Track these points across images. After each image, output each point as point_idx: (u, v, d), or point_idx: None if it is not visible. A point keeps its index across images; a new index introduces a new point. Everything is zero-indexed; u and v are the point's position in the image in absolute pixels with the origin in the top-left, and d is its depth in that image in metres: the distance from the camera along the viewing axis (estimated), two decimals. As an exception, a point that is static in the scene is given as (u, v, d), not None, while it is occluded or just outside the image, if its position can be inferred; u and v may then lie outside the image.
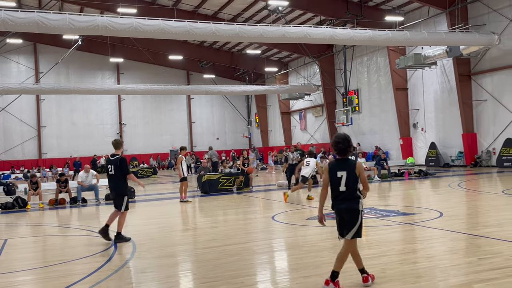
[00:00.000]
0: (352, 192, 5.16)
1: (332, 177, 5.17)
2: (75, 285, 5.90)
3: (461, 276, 5.57)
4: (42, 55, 42.69)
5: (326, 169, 5.24)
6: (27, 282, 6.39)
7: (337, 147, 5.21)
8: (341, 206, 5.20)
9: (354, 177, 5.14)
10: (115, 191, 9.06)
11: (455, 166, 27.10)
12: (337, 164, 5.23)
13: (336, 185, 5.15)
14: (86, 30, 18.54)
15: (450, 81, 27.39)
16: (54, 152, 43.03)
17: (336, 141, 5.22)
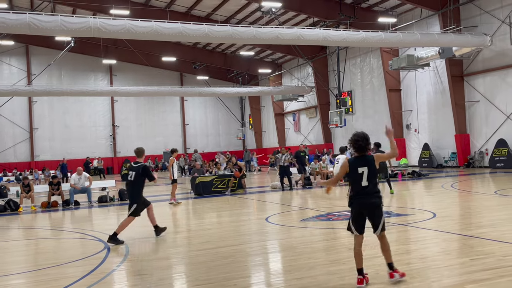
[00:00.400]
0: (373, 186, 5.39)
1: (354, 173, 5.36)
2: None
3: (454, 276, 5.58)
4: (34, 56, 42.45)
5: (344, 166, 5.45)
6: (19, 285, 6.34)
7: (356, 144, 5.43)
8: (367, 201, 5.38)
9: (374, 171, 5.40)
10: (129, 197, 9.49)
11: (448, 167, 27.22)
12: (357, 160, 5.43)
13: (359, 181, 5.35)
14: (79, 31, 18.45)
15: (443, 82, 27.53)
16: (47, 155, 42.78)
17: (356, 139, 5.44)
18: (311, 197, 16.47)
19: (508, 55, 23.91)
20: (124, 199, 17.17)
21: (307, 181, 20.24)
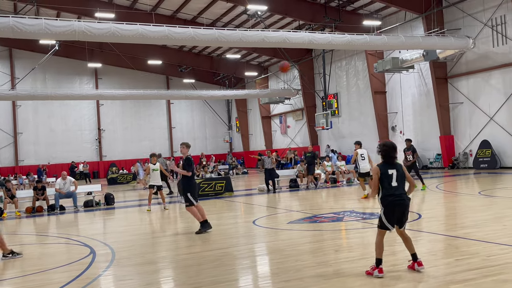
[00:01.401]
0: (402, 187, 5.97)
1: (385, 175, 5.91)
2: (52, 294, 5.79)
3: (440, 277, 5.64)
4: (18, 60, 41.96)
5: (376, 172, 5.96)
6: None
7: (386, 153, 6.06)
8: (401, 200, 5.91)
9: (402, 174, 6.00)
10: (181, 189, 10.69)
11: (433, 168, 27.50)
12: (386, 165, 6.01)
13: (389, 182, 5.91)
14: (63, 35, 18.29)
15: (427, 84, 27.83)
16: (31, 159, 42.25)
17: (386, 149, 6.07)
18: (298, 199, 16.52)
19: (490, 57, 24.26)
20: (110, 204, 17.06)
21: (294, 183, 20.32)
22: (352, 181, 21.00)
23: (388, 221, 5.89)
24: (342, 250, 7.50)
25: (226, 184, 18.90)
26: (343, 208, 12.55)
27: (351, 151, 33.78)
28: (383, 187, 5.91)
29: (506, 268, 5.78)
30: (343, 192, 17.71)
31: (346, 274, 5.97)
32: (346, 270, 6.16)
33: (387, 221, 5.89)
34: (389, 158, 6.01)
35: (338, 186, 19.99)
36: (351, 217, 10.84)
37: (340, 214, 11.44)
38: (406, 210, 5.96)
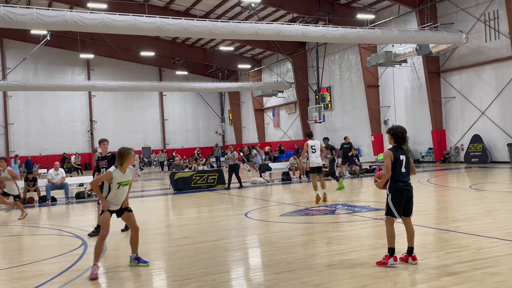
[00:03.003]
0: (409, 173, 6.01)
1: (396, 160, 5.88)
2: (43, 285, 5.78)
3: (430, 269, 5.68)
4: (9, 50, 41.54)
5: (389, 155, 5.87)
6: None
7: (399, 136, 5.98)
8: (408, 186, 5.94)
9: (409, 160, 6.02)
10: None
11: (425, 162, 27.66)
12: (398, 150, 5.97)
13: (399, 167, 5.91)
14: (55, 25, 18.12)
15: (420, 78, 27.91)
16: (23, 150, 41.96)
17: (400, 132, 5.98)
18: (290, 192, 16.55)
19: (483, 52, 24.36)
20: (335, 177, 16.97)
21: (286, 176, 20.35)
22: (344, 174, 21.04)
23: (396, 208, 5.88)
24: (333, 243, 7.53)
25: (219, 176, 18.90)
26: (335, 201, 12.59)
27: (343, 145, 33.86)
28: (393, 172, 5.88)
29: (495, 261, 5.83)
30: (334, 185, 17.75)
31: (337, 266, 6.00)
32: (337, 262, 6.19)
33: (395, 208, 5.88)
34: (402, 140, 5.96)
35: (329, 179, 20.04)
36: (343, 210, 10.89)
37: (332, 207, 11.48)
38: (412, 198, 6.01)
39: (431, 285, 5.07)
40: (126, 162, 6.34)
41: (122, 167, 6.33)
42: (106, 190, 6.31)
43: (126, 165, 6.38)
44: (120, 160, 6.30)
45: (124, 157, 6.31)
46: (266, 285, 5.44)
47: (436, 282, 5.15)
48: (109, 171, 6.28)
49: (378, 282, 5.26)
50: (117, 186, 6.30)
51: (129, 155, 6.32)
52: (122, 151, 6.34)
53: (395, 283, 5.21)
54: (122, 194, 6.46)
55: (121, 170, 6.33)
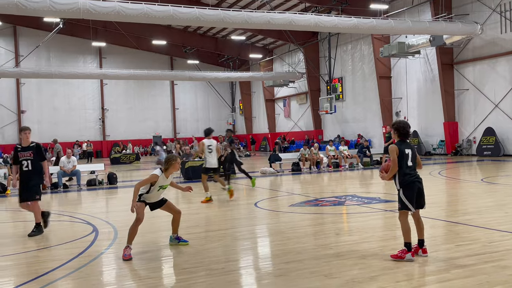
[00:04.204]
0: (415, 166, 6.02)
1: (402, 154, 5.92)
2: (55, 270, 5.85)
3: (439, 262, 5.66)
4: (23, 38, 41.81)
5: (395, 150, 5.91)
6: (7, 267, 6.32)
7: (404, 131, 6.06)
8: (419, 178, 5.97)
9: (415, 154, 6.05)
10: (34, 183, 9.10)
11: (436, 155, 27.47)
12: (403, 144, 6.02)
13: (406, 161, 5.93)
14: (67, 13, 18.18)
15: (433, 70, 27.63)
16: (35, 137, 42.11)
17: (403, 126, 6.08)
18: (300, 183, 16.56)
19: (498, 44, 24.03)
20: (113, 183, 17.14)
21: (296, 167, 20.34)
22: (354, 166, 21.01)
23: (409, 201, 5.85)
24: (343, 234, 7.53)
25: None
26: (345, 192, 12.57)
27: (354, 136, 33.77)
28: (400, 166, 5.90)
29: (506, 255, 5.80)
30: (345, 177, 17.73)
31: (347, 257, 6.00)
32: (346, 253, 6.19)
33: (409, 200, 5.85)
34: (405, 135, 6.04)
35: (340, 171, 20.01)
36: (353, 201, 10.87)
37: (342, 198, 11.46)
38: (423, 190, 6.00)
39: (440, 278, 5.06)
40: (171, 168, 6.71)
41: (167, 172, 6.69)
42: (145, 189, 6.65)
43: (171, 171, 6.75)
44: (166, 165, 6.68)
45: (170, 163, 6.69)
46: (275, 274, 5.46)
47: (445, 275, 5.13)
48: (156, 174, 6.60)
49: (387, 273, 5.26)
50: (158, 189, 6.69)
51: (175, 162, 6.72)
52: (169, 158, 6.78)
53: (404, 274, 5.20)
54: (158, 196, 6.86)
55: (166, 175, 6.69)
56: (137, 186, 6.64)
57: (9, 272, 6.11)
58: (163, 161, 6.75)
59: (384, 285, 4.85)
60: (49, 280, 5.48)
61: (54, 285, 5.33)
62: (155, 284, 5.26)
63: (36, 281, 5.42)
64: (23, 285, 5.33)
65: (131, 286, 5.28)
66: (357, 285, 4.91)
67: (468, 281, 4.90)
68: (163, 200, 6.96)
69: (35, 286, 5.24)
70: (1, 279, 5.79)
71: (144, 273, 5.70)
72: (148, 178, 6.60)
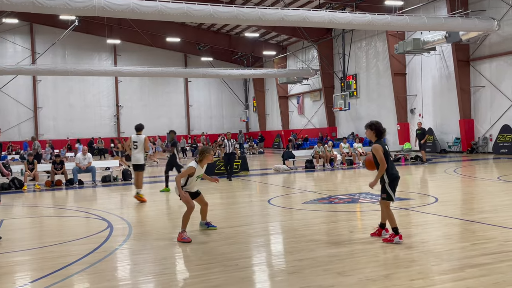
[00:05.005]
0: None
1: (387, 151, 6.55)
2: (71, 265, 5.93)
3: (454, 260, 5.62)
4: (39, 35, 42.28)
5: (380, 148, 6.44)
6: (24, 262, 6.42)
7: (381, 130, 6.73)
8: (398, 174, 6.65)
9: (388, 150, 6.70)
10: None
11: (452, 152, 27.19)
12: (382, 142, 6.64)
13: (389, 157, 6.60)
14: (83, 10, 18.32)
15: (449, 66, 27.32)
16: (51, 134, 42.90)
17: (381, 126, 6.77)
18: (313, 180, 16.52)
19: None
20: (128, 179, 17.29)
21: (310, 164, 20.30)
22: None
23: (393, 193, 6.56)
24: (356, 231, 7.51)
25: (242, 163, 18.97)
26: (358, 190, 12.52)
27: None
28: (386, 162, 6.47)
29: (522, 254, 5.73)
30: (359, 174, 17.65)
31: (360, 254, 5.99)
32: (360, 251, 6.18)
33: (393, 192, 6.56)
34: (382, 134, 6.68)
35: (354, 168, 19.93)
36: (367, 199, 10.82)
37: (355, 195, 11.42)
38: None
39: (455, 277, 5.02)
40: (205, 159, 7.38)
41: (201, 163, 7.37)
42: (183, 181, 7.34)
43: (205, 162, 7.42)
44: (200, 157, 7.35)
45: (204, 155, 7.34)
46: (289, 271, 5.47)
47: (460, 273, 5.09)
48: (193, 166, 7.29)
49: (401, 271, 5.23)
50: (196, 179, 7.39)
51: (208, 154, 7.36)
52: (203, 150, 7.42)
53: (418, 273, 5.17)
54: (196, 185, 7.55)
55: (201, 165, 7.39)
56: (177, 178, 7.28)
57: (26, 266, 6.21)
58: (198, 153, 7.41)
59: (398, 284, 4.83)
60: (65, 275, 5.55)
61: (70, 280, 5.40)
62: (169, 280, 5.30)
63: (52, 276, 5.50)
64: (39, 279, 5.42)
65: (145, 281, 5.33)
66: (371, 283, 4.90)
67: (483, 280, 4.86)
68: (198, 192, 7.61)
69: (51, 281, 5.31)
70: (19, 273, 5.89)
71: (159, 269, 5.74)
72: (186, 170, 7.29)
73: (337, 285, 4.86)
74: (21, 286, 5.30)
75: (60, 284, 5.21)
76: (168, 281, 5.25)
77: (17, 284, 5.39)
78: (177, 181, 7.25)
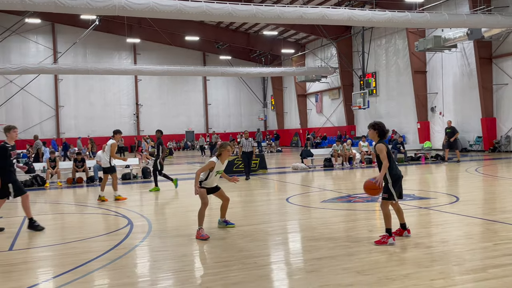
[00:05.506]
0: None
1: (389, 152, 6.55)
2: (93, 261, 6.02)
3: (476, 261, 5.53)
4: (60, 35, 42.94)
5: (384, 149, 6.45)
6: (47, 257, 6.53)
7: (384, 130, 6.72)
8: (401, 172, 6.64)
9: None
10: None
11: (473, 151, 26.77)
12: (384, 142, 6.64)
13: (391, 157, 6.60)
14: (103, 10, 18.56)
15: (470, 64, 26.90)
16: (72, 132, 43.55)
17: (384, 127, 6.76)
18: (332, 178, 16.44)
19: (539, 37, 23.18)
20: (147, 177, 17.45)
21: (329, 163, 20.20)
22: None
23: (396, 192, 6.46)
24: (375, 231, 7.44)
25: (260, 161, 18.98)
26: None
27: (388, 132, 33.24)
28: (389, 162, 6.46)
29: (546, 255, 5.61)
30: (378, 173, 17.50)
31: (380, 254, 5.94)
32: (380, 250, 6.12)
33: (395, 192, 6.46)
34: (385, 135, 6.67)
35: (373, 167, 19.76)
36: (386, 198, 10.71)
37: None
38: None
39: (476, 277, 4.94)
40: (224, 154, 7.47)
41: (221, 158, 7.47)
42: (204, 176, 7.41)
43: (224, 157, 7.50)
44: (219, 151, 7.47)
45: (222, 150, 7.46)
46: (307, 269, 5.45)
47: (482, 274, 5.02)
48: (213, 161, 7.36)
49: (422, 271, 5.18)
50: (215, 174, 7.45)
51: (225, 149, 7.43)
52: (221, 145, 7.51)
53: (439, 273, 5.11)
54: (216, 180, 7.61)
55: (221, 161, 7.47)
56: (197, 173, 7.35)
57: (49, 262, 6.32)
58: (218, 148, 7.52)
59: (418, 283, 4.78)
60: (86, 271, 5.63)
61: (90, 276, 5.48)
62: (187, 277, 5.34)
63: (74, 272, 5.58)
64: (61, 275, 5.50)
65: (164, 278, 5.37)
66: (390, 282, 4.85)
67: (506, 280, 4.77)
68: (217, 187, 7.70)
69: (72, 277, 5.40)
70: (41, 269, 5.99)
71: (178, 266, 5.78)
72: (207, 165, 7.36)
73: (356, 284, 4.83)
74: (44, 281, 5.40)
75: (81, 280, 5.29)
76: (187, 278, 5.28)
77: (39, 279, 5.49)
78: (197, 175, 7.33)
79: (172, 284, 5.18)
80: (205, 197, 7.35)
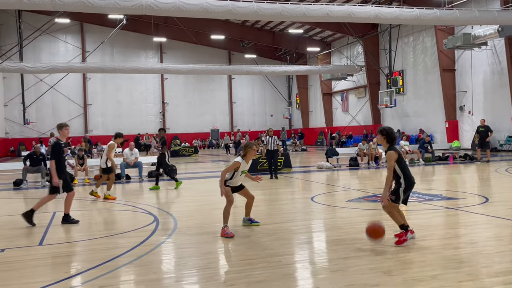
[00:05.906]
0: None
1: (401, 158, 6.42)
2: (120, 257, 6.11)
3: (506, 263, 5.40)
4: (89, 34, 43.71)
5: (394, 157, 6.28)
6: (75, 253, 6.67)
7: (394, 136, 6.56)
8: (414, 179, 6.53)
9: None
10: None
11: (503, 151, 26.15)
12: (396, 148, 6.52)
13: (405, 163, 6.53)
14: (130, 9, 18.82)
15: (501, 62, 26.27)
16: (99, 130, 44.32)
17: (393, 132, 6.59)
18: (358, 178, 16.30)
19: None
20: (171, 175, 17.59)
21: (354, 162, 20.03)
22: (415, 161, 20.42)
23: (404, 197, 6.39)
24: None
25: (285, 160, 18.94)
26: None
27: (415, 131, 32.80)
28: (403, 168, 6.35)
29: None
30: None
31: (407, 254, 5.86)
32: (406, 250, 6.04)
33: (404, 196, 6.38)
34: (393, 140, 6.51)
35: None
36: (413, 198, 10.56)
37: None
38: None
39: (506, 279, 4.82)
40: (249, 154, 7.52)
41: (246, 158, 7.53)
42: (229, 176, 7.47)
43: (249, 157, 7.55)
44: (244, 151, 7.53)
45: (247, 150, 7.50)
46: (332, 269, 5.42)
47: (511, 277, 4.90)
48: (238, 161, 7.43)
49: (449, 272, 5.08)
50: (240, 173, 7.49)
51: (251, 149, 7.47)
52: (246, 145, 7.56)
53: (467, 274, 5.01)
54: (240, 180, 7.65)
55: (246, 160, 7.52)
56: (223, 173, 7.43)
57: (78, 257, 6.45)
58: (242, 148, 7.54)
59: (446, 285, 4.70)
60: (113, 266, 5.73)
61: (117, 271, 5.56)
62: (212, 274, 5.37)
63: (101, 267, 5.68)
64: (89, 270, 5.61)
65: (189, 275, 5.41)
66: (417, 283, 4.78)
67: (537, 284, 4.65)
68: (242, 186, 7.77)
69: (100, 272, 5.49)
70: (70, 264, 6.12)
71: (203, 263, 5.82)
72: (232, 165, 7.39)
73: (382, 284, 4.78)
74: (72, 276, 5.51)
75: (109, 275, 5.38)
76: (212, 275, 5.31)
77: (68, 273, 5.61)
78: (222, 175, 7.39)
79: (197, 281, 5.22)
80: (230, 195, 7.41)
